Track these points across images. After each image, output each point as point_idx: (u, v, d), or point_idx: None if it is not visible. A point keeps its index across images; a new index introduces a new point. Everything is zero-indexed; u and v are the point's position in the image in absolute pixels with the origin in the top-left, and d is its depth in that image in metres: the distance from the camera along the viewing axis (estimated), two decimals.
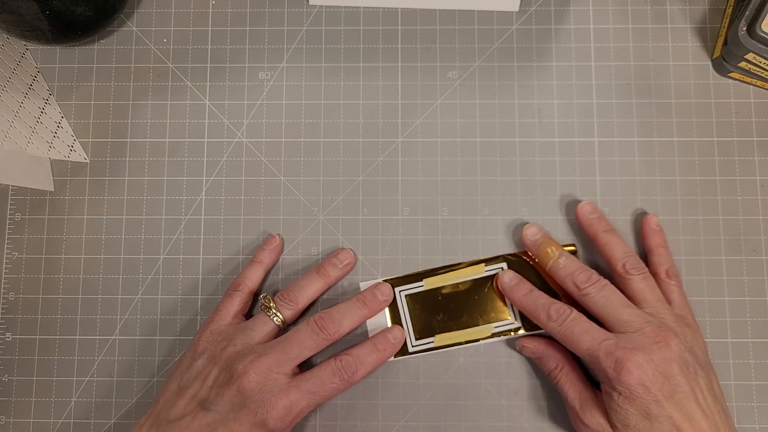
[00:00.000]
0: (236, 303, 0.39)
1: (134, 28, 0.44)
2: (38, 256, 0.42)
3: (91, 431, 0.41)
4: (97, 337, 0.41)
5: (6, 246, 0.42)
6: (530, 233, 0.40)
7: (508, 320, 0.40)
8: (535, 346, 0.39)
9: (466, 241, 0.41)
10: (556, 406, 0.40)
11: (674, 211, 0.41)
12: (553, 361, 0.38)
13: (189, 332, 0.41)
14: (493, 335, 0.40)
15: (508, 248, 0.41)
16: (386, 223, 0.42)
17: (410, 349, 0.40)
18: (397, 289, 0.41)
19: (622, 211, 0.41)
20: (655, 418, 0.33)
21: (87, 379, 0.41)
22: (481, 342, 0.40)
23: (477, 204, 0.42)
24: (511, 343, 0.41)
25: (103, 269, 0.42)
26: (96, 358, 0.41)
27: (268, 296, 0.38)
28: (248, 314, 0.41)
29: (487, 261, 0.41)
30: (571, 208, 0.41)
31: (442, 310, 0.40)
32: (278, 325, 0.38)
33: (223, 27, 0.44)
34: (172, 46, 0.44)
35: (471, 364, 0.40)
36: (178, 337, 0.41)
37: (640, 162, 0.42)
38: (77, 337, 0.41)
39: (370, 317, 0.39)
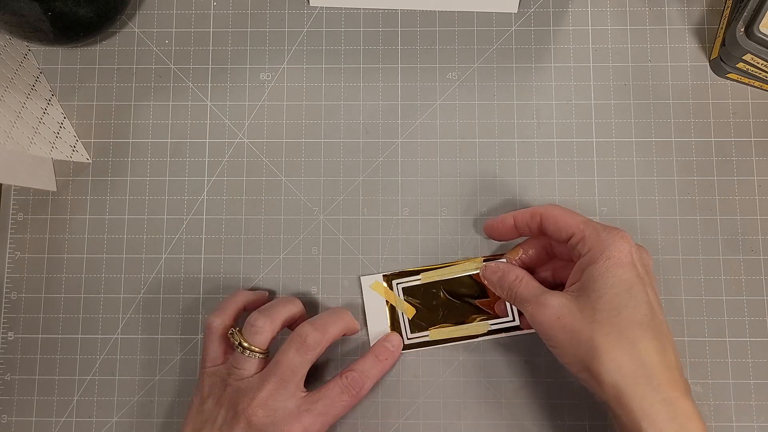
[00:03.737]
0: (216, 341, 0.37)
1: (136, 30, 0.44)
2: (40, 256, 0.42)
3: (93, 430, 0.41)
4: (99, 336, 0.42)
5: (9, 245, 0.42)
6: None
7: (507, 318, 0.40)
8: (497, 264, 0.38)
9: (466, 241, 0.42)
10: (556, 405, 0.40)
11: (672, 211, 0.42)
12: (513, 274, 0.37)
13: (190, 332, 0.41)
14: (490, 332, 0.40)
15: (508, 248, 0.42)
16: (386, 223, 0.42)
17: (405, 341, 0.40)
18: (394, 282, 0.41)
19: (620, 212, 0.42)
20: (635, 293, 0.32)
21: (89, 377, 0.41)
22: (478, 339, 0.40)
23: (476, 204, 0.42)
24: (510, 342, 0.41)
25: (105, 268, 0.42)
26: (98, 356, 0.41)
27: (234, 333, 0.36)
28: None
29: (486, 257, 0.41)
30: (571, 208, 0.42)
31: (440, 305, 0.41)
32: (259, 357, 0.36)
33: (225, 28, 0.44)
34: (173, 48, 0.44)
35: (470, 362, 0.41)
36: (179, 336, 0.41)
37: (638, 162, 0.42)
38: (79, 336, 0.42)
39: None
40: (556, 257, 0.39)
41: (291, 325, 0.39)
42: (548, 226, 0.36)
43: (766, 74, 0.40)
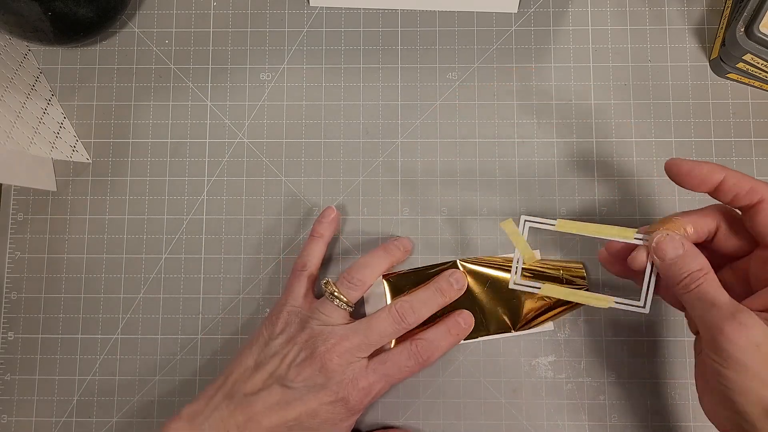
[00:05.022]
0: (305, 283, 0.39)
1: (136, 30, 0.44)
2: (41, 256, 0.42)
3: (93, 430, 0.41)
4: (99, 336, 0.42)
5: (9, 245, 0.43)
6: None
7: (637, 303, 0.35)
8: (681, 240, 0.32)
9: (466, 241, 0.42)
10: (556, 405, 0.40)
11: (672, 211, 0.42)
12: (698, 261, 0.31)
13: (190, 332, 0.41)
14: (612, 305, 0.36)
15: (508, 248, 0.42)
16: (386, 223, 0.42)
17: (511, 285, 0.37)
18: (523, 217, 0.36)
19: (620, 212, 0.42)
20: None
21: (89, 377, 0.41)
22: (501, 336, 0.40)
23: (476, 204, 0.42)
24: (510, 342, 0.41)
25: (105, 268, 0.42)
26: (98, 357, 0.41)
27: (330, 282, 0.38)
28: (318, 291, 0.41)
29: (640, 229, 0.35)
30: (571, 208, 0.42)
31: (480, 299, 0.40)
32: (347, 309, 0.38)
33: (225, 28, 0.44)
34: (173, 48, 0.44)
35: (470, 362, 0.41)
36: (179, 336, 0.42)
37: (638, 162, 0.42)
38: (79, 336, 0.42)
39: (446, 305, 0.39)
40: (712, 245, 0.34)
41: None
42: (761, 218, 0.31)
43: (766, 74, 0.40)
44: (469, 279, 0.41)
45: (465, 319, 0.39)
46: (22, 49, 0.44)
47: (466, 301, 0.40)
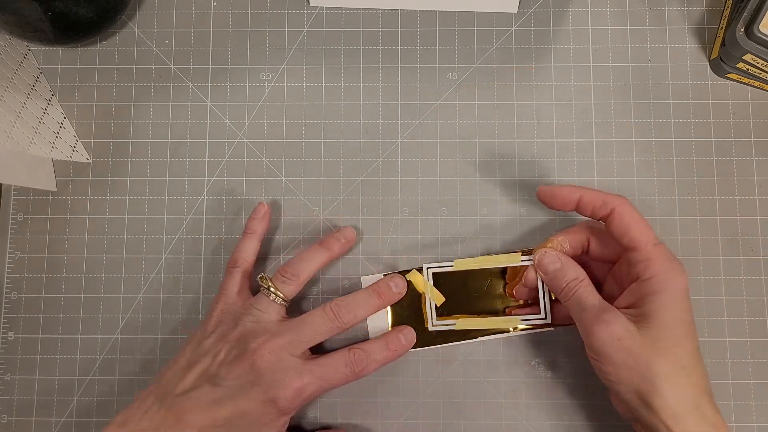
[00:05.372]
0: (238, 280, 0.39)
1: (136, 30, 0.44)
2: (40, 256, 0.42)
3: (93, 430, 0.41)
4: (99, 336, 0.42)
5: (9, 245, 0.43)
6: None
7: (539, 315, 0.39)
8: (558, 255, 0.37)
9: (465, 241, 0.42)
10: (555, 404, 0.40)
11: (672, 211, 0.42)
12: (573, 271, 0.36)
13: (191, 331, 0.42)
14: (520, 328, 0.40)
15: (508, 248, 0.42)
16: (386, 223, 0.42)
17: (430, 328, 0.40)
18: (425, 266, 0.40)
19: None
20: (693, 325, 0.33)
21: (89, 377, 0.41)
22: (501, 336, 0.40)
23: (476, 204, 0.42)
24: (510, 342, 0.41)
25: (105, 268, 0.42)
26: (98, 356, 0.41)
27: (265, 277, 0.38)
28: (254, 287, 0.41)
29: (524, 251, 0.40)
30: None
31: (469, 294, 0.40)
32: (282, 304, 0.38)
33: (225, 28, 0.44)
34: (173, 48, 0.44)
35: (470, 362, 0.41)
36: (179, 336, 0.42)
37: (638, 162, 0.42)
38: (79, 336, 0.42)
39: (383, 308, 0.39)
40: (589, 255, 0.38)
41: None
42: (615, 225, 0.35)
43: (766, 74, 0.40)
44: (470, 280, 0.41)
45: (406, 335, 0.39)
46: (22, 49, 0.44)
47: (467, 302, 0.40)
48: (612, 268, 0.38)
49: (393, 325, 0.41)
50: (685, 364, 0.33)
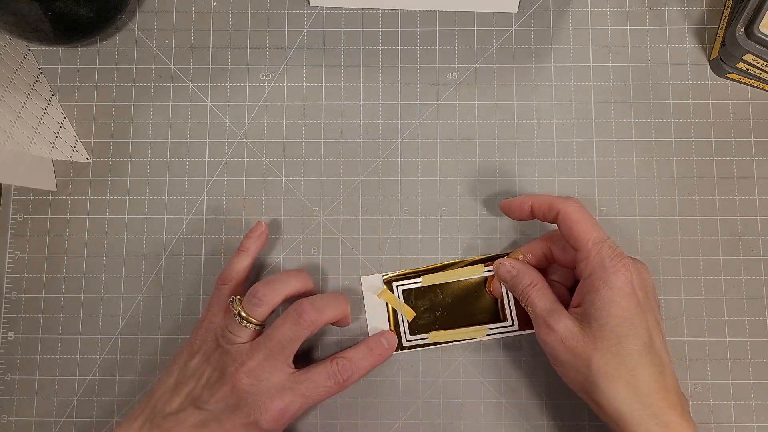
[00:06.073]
0: (224, 298, 0.38)
1: (136, 30, 0.44)
2: (40, 256, 0.42)
3: (93, 430, 0.41)
4: (99, 336, 0.42)
5: (9, 245, 0.43)
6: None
7: (506, 323, 0.40)
8: (512, 264, 0.38)
9: (465, 241, 0.42)
10: (556, 405, 0.40)
11: (672, 211, 0.42)
12: (528, 277, 0.37)
13: (190, 331, 0.41)
14: (489, 336, 0.40)
15: (508, 248, 0.42)
16: (386, 223, 0.42)
17: (404, 344, 0.40)
18: (394, 284, 0.41)
19: (620, 212, 0.42)
20: (636, 322, 0.33)
21: (89, 377, 0.41)
22: (478, 340, 0.40)
23: (476, 204, 0.42)
24: (510, 342, 0.41)
25: (105, 268, 0.42)
26: (98, 356, 0.41)
27: (236, 300, 0.37)
28: None
29: (486, 261, 0.41)
30: None
31: (439, 308, 0.41)
32: (254, 330, 0.36)
33: (225, 28, 0.44)
34: (173, 48, 0.44)
35: (470, 362, 0.41)
36: (179, 336, 0.42)
37: (638, 162, 0.42)
38: (79, 336, 0.42)
39: (348, 311, 0.39)
40: (555, 263, 0.39)
41: (293, 298, 0.38)
42: (562, 227, 0.36)
43: (766, 74, 0.40)
44: (470, 280, 0.41)
45: (388, 339, 0.39)
46: (22, 49, 0.44)
47: (469, 302, 0.40)
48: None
49: (393, 326, 0.41)
50: (626, 363, 0.32)
